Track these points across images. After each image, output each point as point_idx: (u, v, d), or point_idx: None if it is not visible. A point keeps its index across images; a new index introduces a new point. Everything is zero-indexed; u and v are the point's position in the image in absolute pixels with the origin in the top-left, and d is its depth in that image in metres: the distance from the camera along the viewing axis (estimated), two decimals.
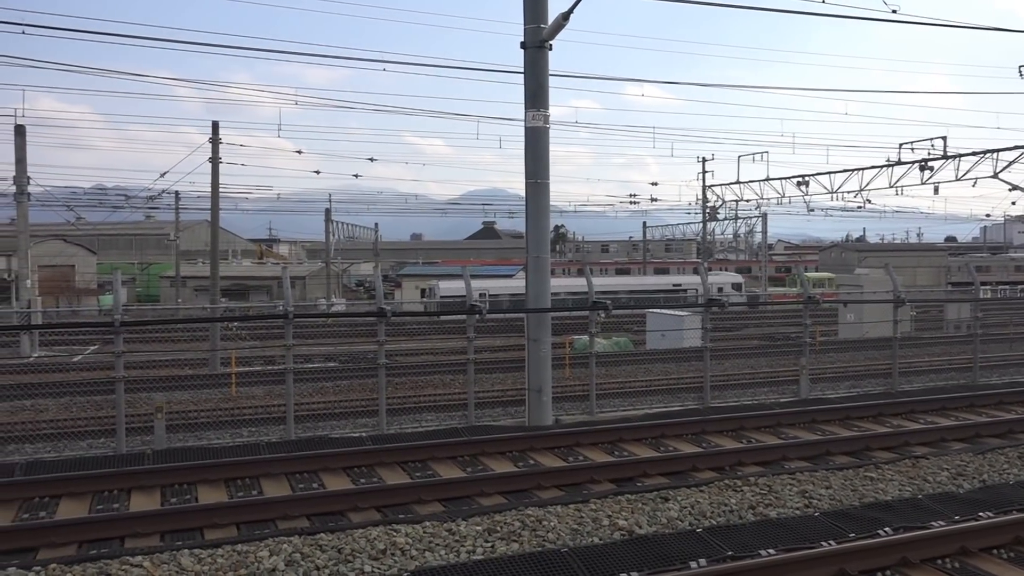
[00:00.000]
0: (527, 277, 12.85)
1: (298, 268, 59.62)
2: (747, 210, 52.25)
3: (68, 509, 8.31)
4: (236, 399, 17.14)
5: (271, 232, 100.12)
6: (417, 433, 11.93)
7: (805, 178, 39.78)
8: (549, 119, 12.55)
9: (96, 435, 13.12)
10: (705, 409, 13.85)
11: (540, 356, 12.53)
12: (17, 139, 27.74)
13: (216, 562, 6.60)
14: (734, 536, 7.34)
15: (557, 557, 6.78)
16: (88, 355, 25.16)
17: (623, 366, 21.16)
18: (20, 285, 29.49)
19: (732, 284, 44.35)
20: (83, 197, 49.75)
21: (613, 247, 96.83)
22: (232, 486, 9.10)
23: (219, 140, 27.65)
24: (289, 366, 12.16)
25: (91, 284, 54.67)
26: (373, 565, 6.66)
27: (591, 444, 10.99)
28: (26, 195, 28.12)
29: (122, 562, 6.55)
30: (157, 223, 70.75)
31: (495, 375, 18.68)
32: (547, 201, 12.76)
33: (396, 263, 73.32)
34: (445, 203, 74.26)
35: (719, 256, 73.24)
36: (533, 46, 12.35)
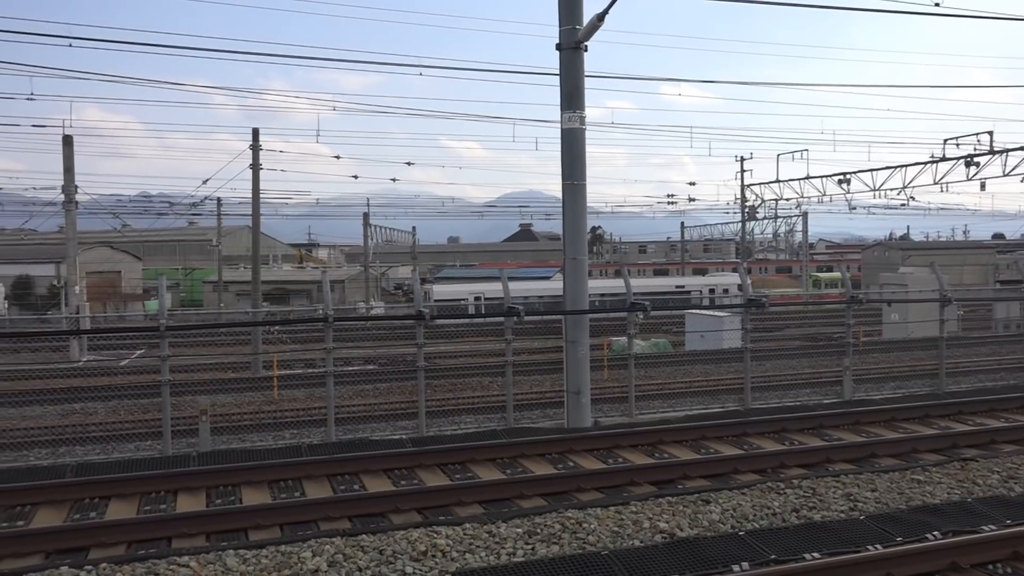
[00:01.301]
0: (564, 279, 12.83)
1: (337, 272, 60.21)
2: (787, 209, 51.55)
3: (117, 510, 8.49)
4: (278, 402, 17.37)
5: (310, 237, 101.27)
6: (456, 435, 11.98)
7: (846, 176, 39.13)
8: (585, 120, 12.52)
9: (143, 437, 13.37)
10: (746, 411, 13.69)
11: (578, 358, 12.50)
12: (65, 149, 28.41)
13: (260, 563, 6.70)
14: (777, 539, 7.25)
15: (597, 559, 6.76)
16: (135, 359, 25.68)
17: (662, 367, 21.00)
18: (69, 291, 30.21)
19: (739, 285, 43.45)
20: (128, 204, 50.82)
21: (651, 248, 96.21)
22: (275, 488, 9.22)
23: (259, 147, 28.06)
24: (329, 369, 12.29)
25: (137, 289, 55.83)
26: (414, 566, 6.71)
27: (631, 446, 10.93)
28: (74, 203, 28.79)
29: (170, 562, 6.68)
30: (200, 229, 72.00)
31: (533, 377, 18.66)
32: (584, 202, 12.74)
33: (434, 266, 73.65)
34: (482, 206, 74.54)
35: (759, 256, 72.38)
36: (568, 47, 12.34)
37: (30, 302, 49.37)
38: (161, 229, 56.83)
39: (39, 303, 48.20)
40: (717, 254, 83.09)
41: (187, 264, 65.29)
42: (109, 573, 6.48)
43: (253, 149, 27.95)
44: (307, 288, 55.94)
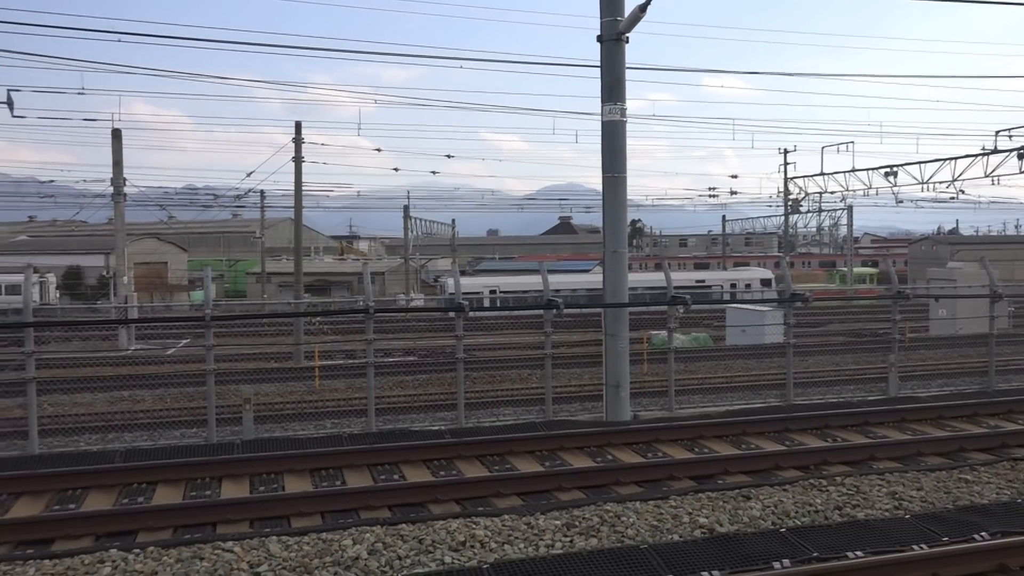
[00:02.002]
0: (604, 272, 12.78)
1: (377, 264, 60.74)
2: (831, 202, 50.73)
3: (164, 495, 8.69)
4: (319, 392, 17.59)
5: (351, 229, 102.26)
6: (495, 427, 12.02)
7: (893, 168, 38.31)
8: (626, 112, 12.44)
9: (188, 425, 13.65)
10: (788, 406, 13.53)
11: (618, 351, 12.45)
12: (114, 142, 29.03)
13: (302, 549, 6.80)
14: (819, 537, 7.15)
15: (636, 553, 6.74)
16: (180, 348, 26.20)
17: (702, 362, 20.83)
18: (118, 281, 30.91)
19: (761, 280, 42.47)
20: (175, 197, 51.79)
21: (691, 241, 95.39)
22: (317, 476, 9.35)
23: (302, 140, 28.38)
24: (370, 360, 12.41)
25: (182, 280, 56.94)
26: (453, 556, 6.76)
27: (670, 440, 10.87)
28: (123, 196, 29.41)
29: (214, 547, 6.82)
30: (243, 221, 73.14)
31: (572, 370, 18.64)
32: (624, 195, 12.67)
33: (473, 258, 73.90)
34: (521, 198, 74.42)
35: (802, 250, 71.34)
36: (609, 39, 12.27)
37: (80, 292, 50.65)
38: (206, 221, 57.75)
39: (89, 293, 49.44)
40: (759, 248, 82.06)
41: (231, 255, 66.38)
42: (156, 556, 6.64)
43: (296, 142, 28.29)
44: (348, 280, 56.53)
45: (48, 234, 72.90)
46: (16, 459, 10.21)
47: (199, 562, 6.52)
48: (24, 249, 59.43)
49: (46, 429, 12.24)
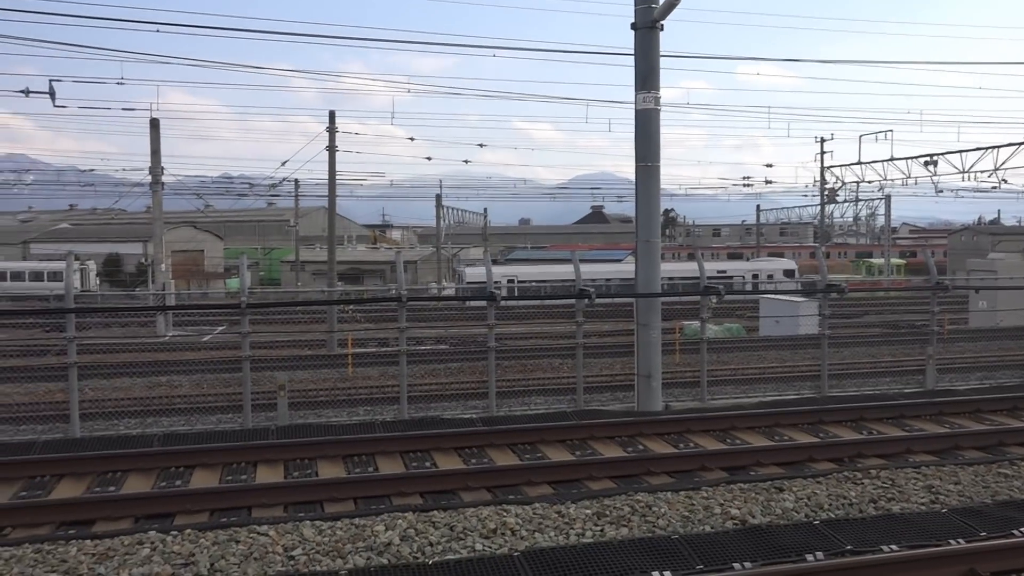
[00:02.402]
0: (637, 262, 12.72)
1: (410, 253, 61.05)
2: (869, 192, 49.88)
3: (201, 479, 8.84)
4: (352, 379, 17.76)
5: (384, 218, 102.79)
6: (526, 416, 12.05)
7: (933, 157, 37.57)
8: (660, 101, 12.34)
9: (224, 410, 13.87)
10: (822, 398, 13.38)
11: (650, 341, 12.40)
12: (152, 132, 29.46)
13: (335, 534, 6.89)
14: (853, 530, 7.08)
15: (667, 543, 6.73)
16: (216, 335, 26.60)
17: (735, 353, 20.67)
18: (156, 269, 31.43)
19: (784, 271, 41.64)
20: (211, 185, 52.47)
21: (725, 231, 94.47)
22: (349, 462, 9.45)
23: (335, 129, 28.57)
24: (402, 348, 12.49)
25: (218, 268, 57.73)
26: (484, 543, 6.80)
27: (702, 431, 10.82)
28: (161, 184, 29.86)
29: (250, 530, 6.94)
30: (278, 210, 73.91)
31: (603, 360, 18.61)
32: (657, 184, 12.58)
33: (505, 248, 73.93)
34: (554, 188, 74.31)
35: (838, 240, 70.35)
36: (644, 27, 12.16)
37: (120, 279, 51.60)
38: (241, 210, 58.48)
39: (128, 280, 50.35)
40: (794, 238, 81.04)
41: (266, 244, 67.14)
42: (194, 539, 6.76)
43: (329, 132, 28.49)
44: (380, 268, 56.91)
45: (88, 222, 74.30)
46: (58, 442, 10.46)
47: (235, 545, 6.64)
48: (65, 237, 60.68)
49: (87, 413, 12.50)
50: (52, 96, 22.57)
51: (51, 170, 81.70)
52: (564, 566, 6.31)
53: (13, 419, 13.16)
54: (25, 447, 10.02)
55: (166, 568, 6.25)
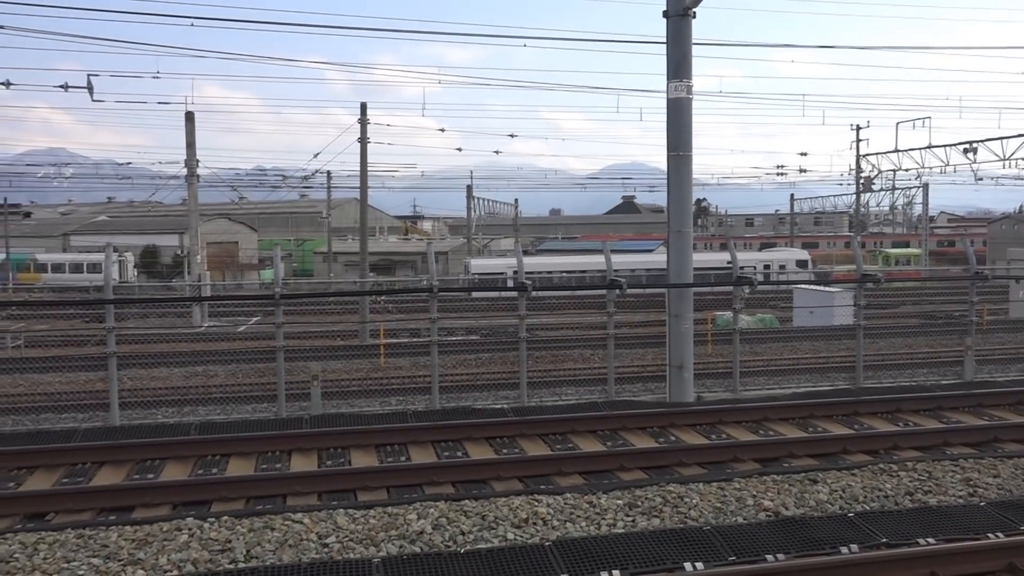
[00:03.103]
0: (669, 252, 12.64)
1: (441, 244, 61.25)
2: (906, 180, 48.98)
3: (236, 467, 8.98)
4: (384, 369, 17.91)
5: (415, 209, 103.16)
6: (557, 406, 12.06)
7: (973, 144, 36.83)
8: (692, 90, 12.22)
9: (259, 400, 14.06)
10: (857, 390, 13.22)
11: (681, 332, 12.33)
12: (187, 125, 29.85)
13: (368, 522, 6.97)
14: (889, 523, 7.00)
15: (699, 534, 6.71)
16: (251, 325, 26.94)
17: (768, 343, 20.50)
18: (191, 260, 31.89)
19: (797, 261, 40.62)
20: (245, 178, 53.00)
21: (758, 221, 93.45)
22: (382, 451, 9.54)
23: (367, 121, 28.71)
24: (434, 338, 12.56)
25: (253, 259, 58.41)
26: (516, 533, 6.83)
27: (734, 422, 10.74)
28: (196, 177, 30.26)
29: (284, 518, 7.04)
30: (310, 201, 74.42)
31: (635, 350, 18.55)
32: (689, 174, 12.48)
33: (536, 238, 73.88)
34: (584, 178, 74.03)
35: (874, 229, 69.25)
36: (676, 15, 12.04)
37: (156, 270, 52.44)
38: (275, 201, 59.09)
39: (164, 271, 51.16)
40: (829, 227, 79.94)
41: (299, 235, 67.75)
42: (230, 526, 6.88)
43: (361, 123, 28.64)
44: (412, 259, 57.18)
45: (126, 214, 75.60)
46: (98, 430, 10.68)
47: (270, 532, 6.74)
48: (104, 229, 61.77)
49: (125, 402, 12.74)
50: (90, 91, 22.96)
51: (89, 163, 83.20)
52: (595, 556, 6.31)
53: (55, 407, 13.46)
54: (67, 435, 10.25)
55: (204, 554, 6.37)
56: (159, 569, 6.16)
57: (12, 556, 6.31)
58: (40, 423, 12.56)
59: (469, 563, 6.25)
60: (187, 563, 6.23)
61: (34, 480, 8.56)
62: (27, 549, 6.44)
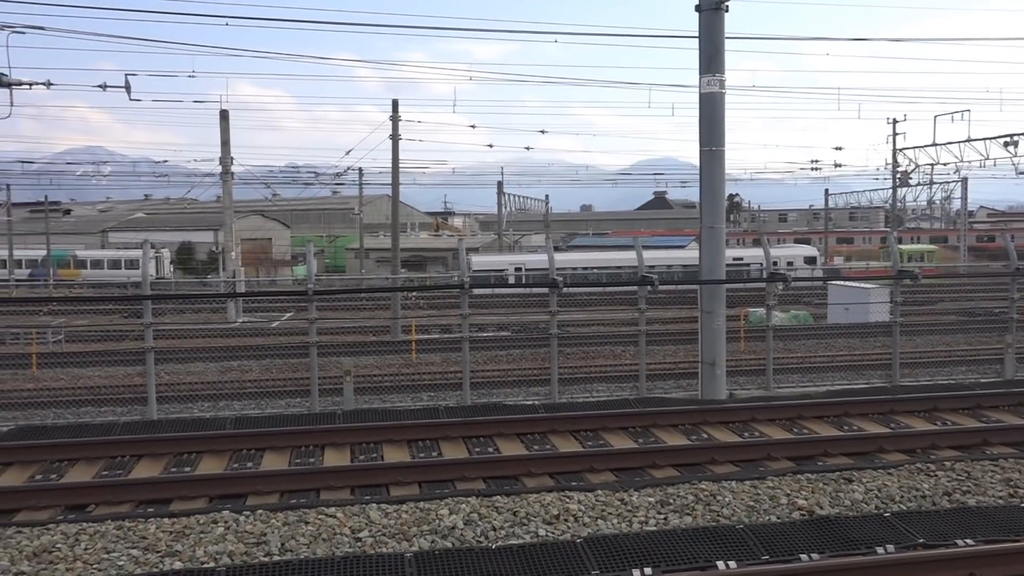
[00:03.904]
0: (701, 248, 12.57)
1: (472, 240, 61.37)
2: (944, 174, 48.05)
3: (271, 461, 9.10)
4: (416, 365, 17.99)
5: (446, 205, 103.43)
6: (588, 403, 12.04)
7: (1014, 137, 36.02)
8: (725, 84, 12.12)
9: (293, 395, 14.22)
10: (893, 388, 13.03)
11: (714, 328, 12.25)
12: (222, 123, 30.21)
13: (401, 517, 7.02)
14: (926, 523, 6.90)
15: (732, 533, 6.67)
16: (284, 321, 27.22)
17: (802, 340, 20.25)
18: (226, 257, 32.30)
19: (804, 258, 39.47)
20: (278, 175, 53.53)
21: (792, 216, 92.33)
22: (414, 447, 9.60)
23: (398, 118, 28.84)
24: (465, 334, 12.60)
25: (286, 256, 59.01)
26: (547, 529, 6.84)
27: (768, 420, 10.65)
28: (230, 174, 30.62)
29: (318, 512, 7.12)
30: (342, 198, 75.01)
31: (666, 347, 18.45)
32: (722, 169, 12.38)
33: (566, 234, 73.72)
34: (615, 173, 73.68)
35: (911, 225, 68.12)
36: (708, 8, 11.95)
37: (192, 266, 53.22)
38: (307, 198, 59.62)
39: (200, 267, 51.89)
40: (864, 223, 78.79)
41: (331, 231, 68.31)
42: (265, 519, 6.97)
43: (392, 120, 28.78)
44: (443, 256, 57.38)
45: (162, 211, 76.77)
46: (137, 423, 10.89)
47: (304, 526, 6.83)
48: (141, 226, 62.84)
49: (163, 396, 12.96)
50: (128, 90, 23.28)
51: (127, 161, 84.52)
52: (627, 553, 6.30)
53: (95, 401, 13.73)
54: (106, 428, 10.46)
55: (239, 546, 6.46)
56: (196, 561, 6.26)
57: (55, 546, 6.46)
58: (81, 416, 12.83)
59: (501, 559, 6.27)
60: (223, 555, 6.33)
61: (75, 472, 8.74)
62: (69, 539, 6.59)
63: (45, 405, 13.46)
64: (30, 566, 6.16)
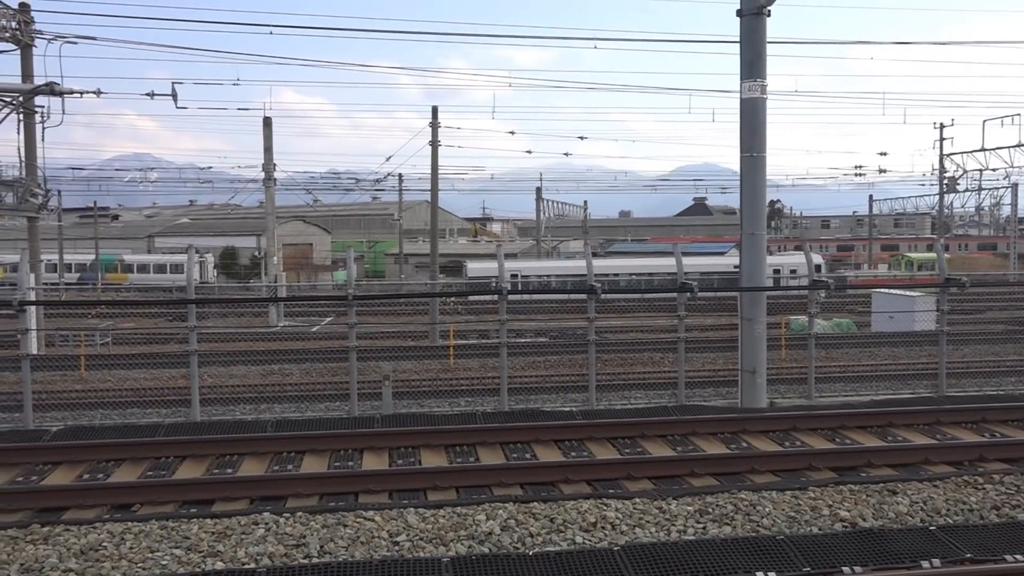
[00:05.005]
0: (741, 255, 12.44)
1: (510, 246, 61.48)
2: (993, 180, 47.01)
3: (311, 464, 9.19)
4: (454, 370, 18.07)
5: (485, 211, 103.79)
6: (626, 410, 11.98)
7: None
8: (766, 89, 12.00)
9: (332, 398, 14.38)
10: (940, 398, 12.75)
11: (754, 336, 12.10)
12: (265, 130, 30.72)
13: (438, 522, 7.05)
14: (974, 537, 6.73)
15: (772, 544, 6.58)
16: (324, 325, 27.54)
17: (844, 349, 19.94)
18: (268, 262, 32.78)
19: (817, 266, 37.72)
20: (319, 181, 54.22)
21: (834, 223, 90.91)
22: (451, 452, 9.62)
23: (438, 124, 29.05)
24: (503, 340, 12.62)
25: (326, 261, 59.69)
26: (584, 536, 6.81)
27: (809, 429, 10.48)
28: (273, 180, 31.11)
29: (357, 515, 7.18)
30: (382, 204, 75.72)
31: (705, 354, 18.29)
32: (763, 175, 12.24)
33: (605, 240, 73.50)
34: (654, 179, 73.26)
35: (958, 232, 66.69)
36: (750, 13, 11.84)
37: (235, 271, 54.09)
38: (348, 204, 60.32)
39: (242, 272, 52.73)
40: (910, 229, 77.27)
41: (370, 237, 68.94)
42: (305, 521, 7.05)
43: (432, 127, 28.99)
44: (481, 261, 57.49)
45: (206, 217, 78.17)
46: (180, 425, 11.09)
47: (343, 529, 6.89)
48: (185, 231, 64.07)
49: (206, 398, 13.20)
50: (174, 98, 23.79)
51: (173, 168, 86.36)
52: (665, 563, 6.25)
53: (140, 403, 14.03)
54: (151, 429, 10.67)
55: (279, 548, 6.54)
56: (237, 561, 6.35)
57: (101, 544, 6.61)
58: (127, 417, 13.12)
59: (537, 565, 6.26)
60: (263, 556, 6.41)
61: (121, 472, 8.93)
62: (114, 538, 6.73)
63: (93, 406, 13.78)
64: (77, 564, 6.30)
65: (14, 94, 22.69)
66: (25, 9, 22.87)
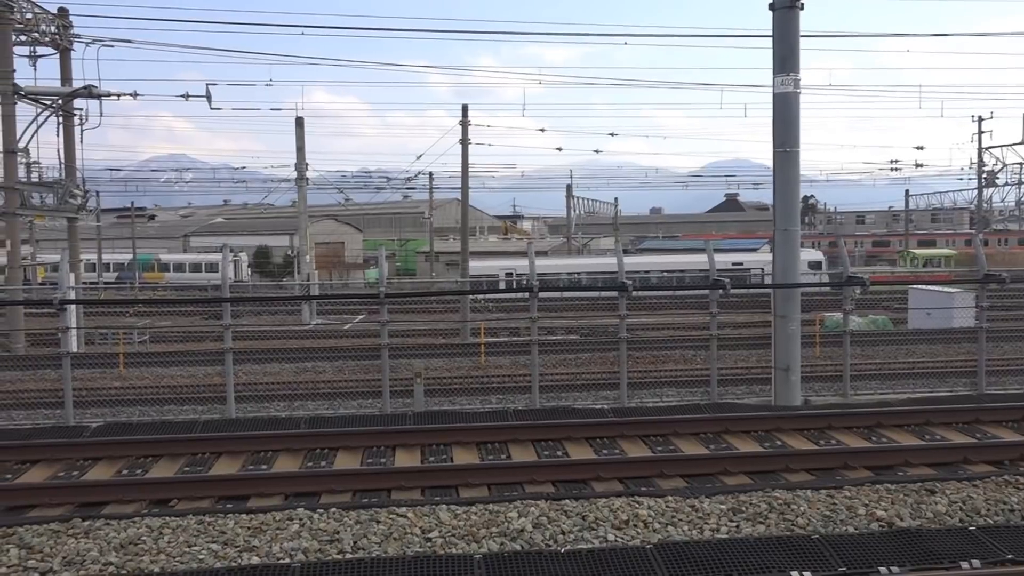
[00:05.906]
0: (774, 251, 12.31)
1: (540, 243, 61.42)
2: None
3: (344, 460, 9.27)
4: (485, 368, 18.11)
5: (515, 208, 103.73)
6: (658, 408, 11.92)
7: None
8: (799, 83, 11.86)
9: (365, 396, 14.47)
10: (979, 396, 12.52)
11: (788, 333, 11.98)
12: (297, 130, 30.98)
13: (470, 519, 7.07)
14: (1015, 538, 6.61)
15: (807, 543, 6.51)
16: (356, 323, 27.75)
17: (880, 346, 19.63)
18: (301, 260, 33.10)
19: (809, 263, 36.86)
20: (351, 180, 54.61)
21: (869, 218, 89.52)
22: (483, 449, 9.65)
23: (468, 122, 29.10)
24: (534, 337, 12.62)
25: (358, 259, 60.11)
26: (616, 534, 6.80)
27: (844, 428, 10.35)
28: (305, 180, 31.38)
29: (389, 511, 7.23)
30: (413, 202, 75.96)
31: (738, 352, 18.12)
32: (796, 171, 12.12)
33: (636, 237, 73.11)
34: (686, 175, 72.66)
35: (998, 227, 65.34)
36: (782, 7, 11.72)
37: (268, 270, 54.70)
38: (379, 203, 60.64)
39: (276, 270, 53.30)
40: (947, 225, 75.87)
41: (402, 235, 69.27)
42: (338, 517, 7.12)
43: (462, 125, 29.04)
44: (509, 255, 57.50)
45: (240, 216, 79.12)
46: (216, 422, 11.24)
47: (376, 525, 6.94)
48: (220, 230, 64.89)
49: (241, 395, 13.35)
50: (209, 99, 24.14)
51: (207, 168, 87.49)
52: (698, 561, 6.22)
53: (177, 400, 14.25)
54: (188, 426, 10.84)
55: (313, 544, 6.62)
56: (272, 556, 6.44)
57: (140, 539, 6.73)
58: (164, 414, 13.34)
59: (569, 563, 6.26)
60: (298, 552, 6.49)
61: (159, 468, 9.08)
62: (153, 533, 6.86)
63: (131, 403, 14.02)
64: (117, 557, 6.43)
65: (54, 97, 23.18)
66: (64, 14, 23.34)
